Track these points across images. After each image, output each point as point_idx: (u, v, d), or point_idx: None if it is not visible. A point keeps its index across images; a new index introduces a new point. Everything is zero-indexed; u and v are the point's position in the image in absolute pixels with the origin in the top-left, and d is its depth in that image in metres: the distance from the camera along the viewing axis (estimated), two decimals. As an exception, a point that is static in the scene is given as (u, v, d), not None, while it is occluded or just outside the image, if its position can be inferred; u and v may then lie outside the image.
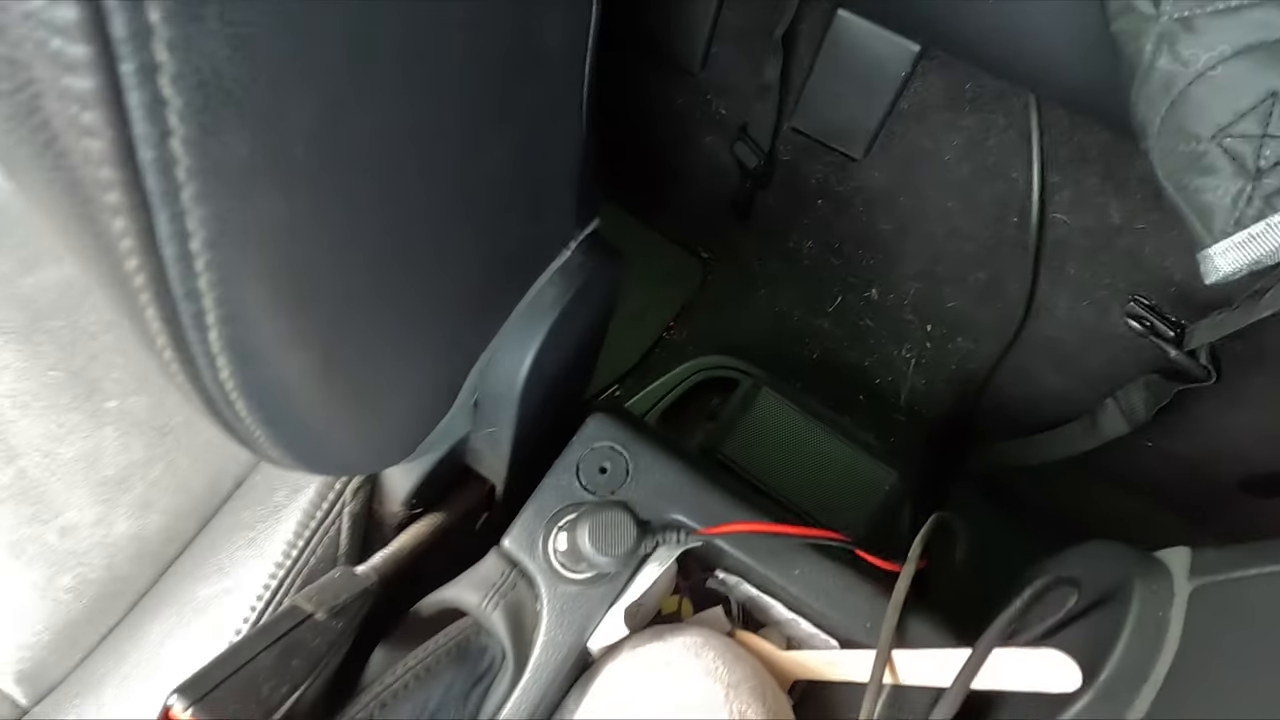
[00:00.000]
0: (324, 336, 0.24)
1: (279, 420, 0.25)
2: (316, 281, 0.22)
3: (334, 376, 0.25)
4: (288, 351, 0.23)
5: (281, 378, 0.23)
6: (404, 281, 0.26)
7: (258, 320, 0.21)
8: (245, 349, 0.21)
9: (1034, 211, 0.57)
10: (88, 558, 0.44)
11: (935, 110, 0.59)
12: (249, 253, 0.19)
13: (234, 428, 0.25)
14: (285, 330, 0.22)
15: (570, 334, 0.44)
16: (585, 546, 0.31)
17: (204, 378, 0.22)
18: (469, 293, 0.32)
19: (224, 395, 0.23)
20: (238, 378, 0.22)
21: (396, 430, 0.35)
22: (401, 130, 0.22)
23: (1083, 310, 0.61)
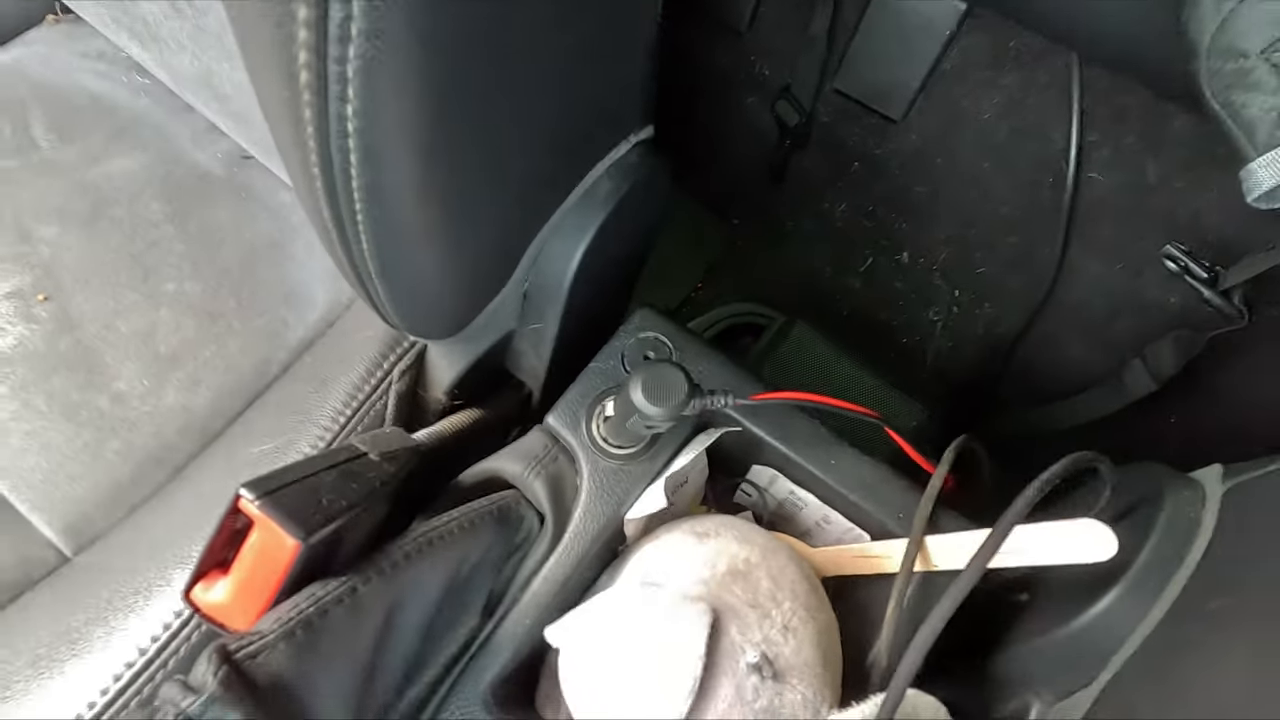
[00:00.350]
0: (429, 159, 0.25)
1: (385, 256, 0.26)
2: (440, 109, 0.23)
3: (430, 211, 0.27)
4: (407, 173, 0.24)
5: (395, 202, 0.25)
6: (496, 132, 0.28)
7: (389, 134, 0.22)
8: (374, 157, 0.22)
9: (1070, 171, 0.58)
10: (136, 425, 0.46)
11: (977, 69, 0.61)
12: (398, 63, 0.20)
13: (350, 247, 0.26)
14: (407, 150, 0.23)
15: (619, 234, 0.45)
16: (638, 398, 0.32)
17: (338, 188, 0.23)
18: (542, 155, 0.34)
19: (351, 206, 0.24)
20: (364, 189, 0.23)
21: (461, 291, 0.36)
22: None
23: (1114, 274, 0.62)
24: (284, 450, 0.40)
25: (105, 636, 0.33)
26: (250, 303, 0.50)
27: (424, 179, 0.24)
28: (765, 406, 0.39)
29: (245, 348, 0.49)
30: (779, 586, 0.33)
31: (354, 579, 0.29)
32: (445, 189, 0.25)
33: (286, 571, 0.28)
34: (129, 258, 0.51)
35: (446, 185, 0.25)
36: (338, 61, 0.19)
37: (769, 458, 0.41)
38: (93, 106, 0.57)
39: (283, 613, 0.27)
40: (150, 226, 0.52)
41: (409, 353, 0.44)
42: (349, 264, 0.27)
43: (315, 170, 0.22)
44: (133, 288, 0.50)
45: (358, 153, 0.21)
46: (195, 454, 0.46)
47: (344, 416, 0.41)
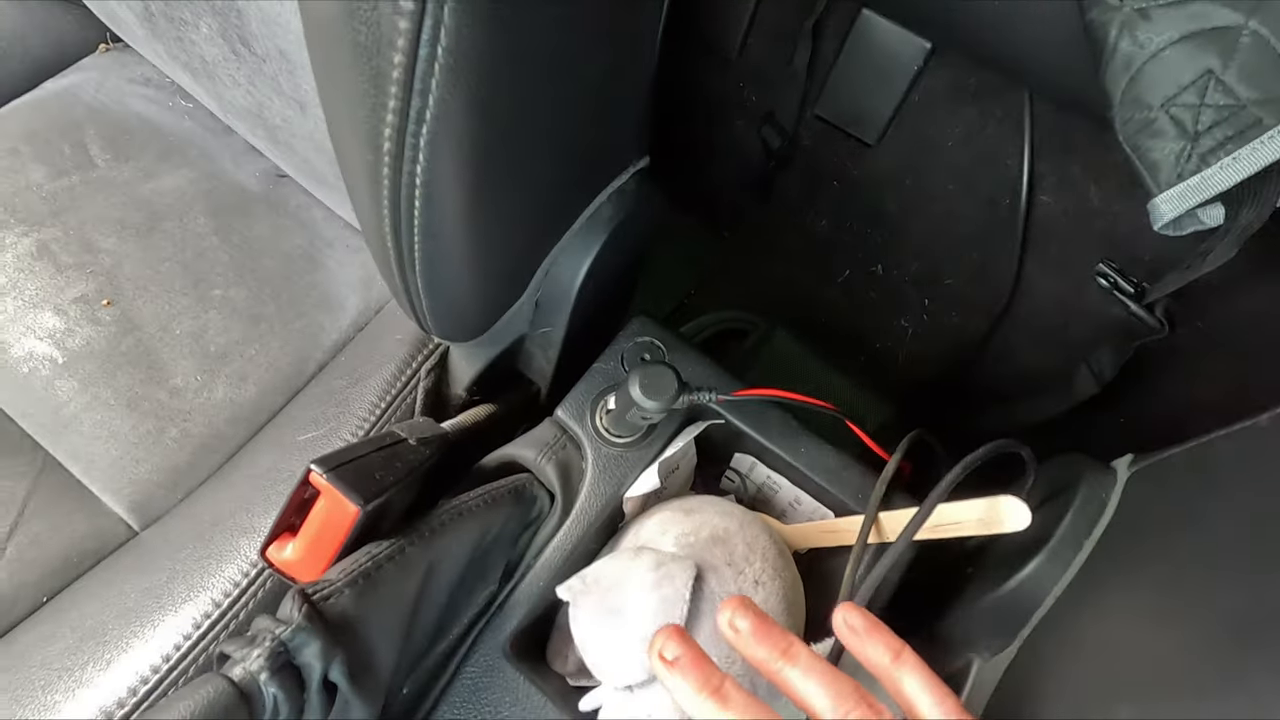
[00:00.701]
0: (474, 203, 0.31)
1: (433, 273, 0.33)
2: (485, 163, 0.30)
3: (470, 244, 0.33)
4: (456, 214, 0.30)
5: (445, 237, 0.31)
6: (526, 175, 0.34)
7: (446, 185, 0.28)
8: (432, 203, 0.29)
9: (1023, 195, 0.65)
10: (192, 416, 0.52)
11: (941, 102, 0.67)
12: (457, 132, 0.26)
13: (405, 272, 0.32)
14: (458, 196, 0.29)
15: (618, 252, 0.52)
16: (635, 393, 0.38)
17: (401, 227, 0.29)
18: (560, 189, 0.40)
19: (410, 240, 0.30)
20: (422, 228, 0.29)
21: (487, 304, 0.42)
22: (574, 33, 0.29)
23: (1063, 287, 0.69)
24: (328, 437, 0.46)
25: (185, 591, 0.39)
26: (289, 307, 0.56)
27: (469, 218, 0.30)
28: (744, 402, 0.46)
29: (285, 347, 0.55)
30: (752, 550, 0.39)
31: (401, 540, 0.36)
32: (484, 225, 0.32)
33: (348, 532, 0.34)
34: (180, 266, 0.57)
35: (485, 222, 0.32)
36: (413, 135, 0.25)
37: (749, 447, 0.47)
38: (143, 128, 0.62)
39: (346, 565, 0.34)
40: (198, 238, 0.58)
41: (435, 353, 0.51)
42: (402, 285, 0.33)
43: (385, 213, 0.28)
44: (185, 293, 0.56)
45: (421, 200, 0.27)
46: (244, 442, 0.52)
47: (379, 409, 0.47)
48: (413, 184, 0.27)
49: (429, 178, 0.27)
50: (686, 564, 0.36)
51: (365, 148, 0.26)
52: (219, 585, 0.39)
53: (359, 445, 0.37)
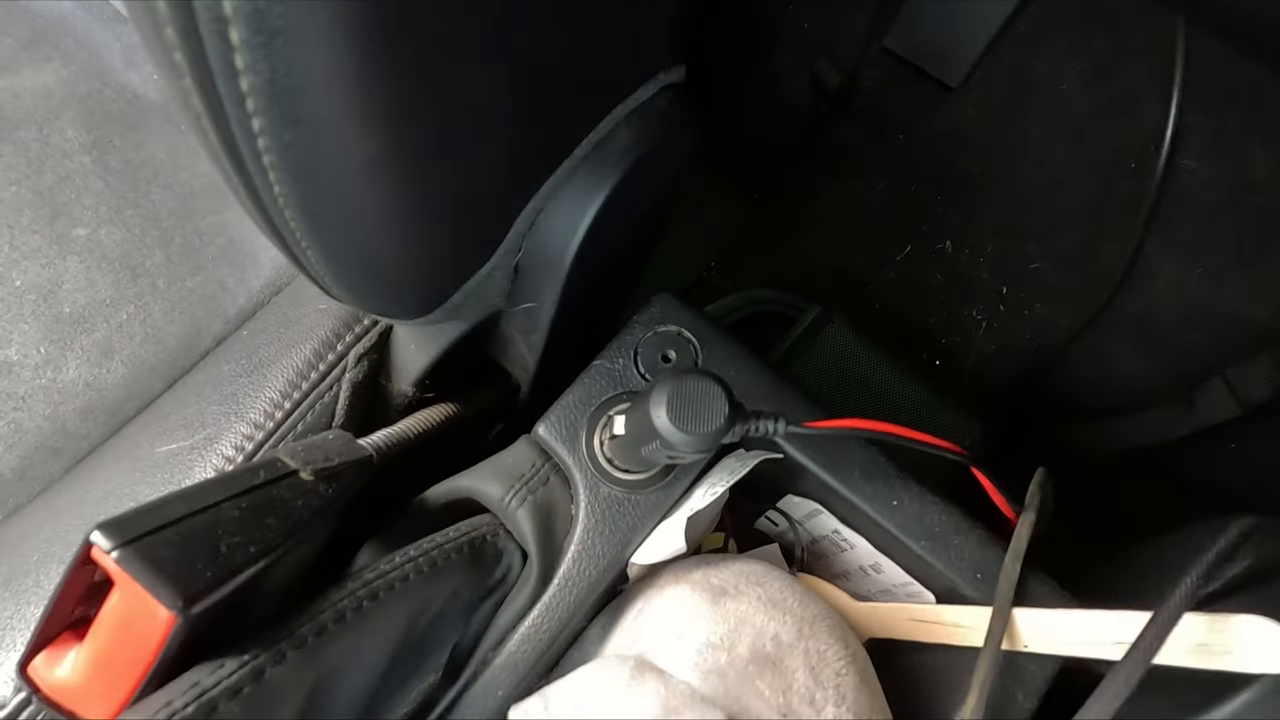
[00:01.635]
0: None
1: (312, 207, 0.18)
2: (390, 39, 0.15)
3: (375, 145, 0.18)
4: (342, 126, 0.15)
5: (318, 126, 0.16)
6: (480, 42, 0.19)
7: (311, 79, 0.13)
8: (276, 46, 0.14)
9: (1161, 155, 0.50)
10: (27, 403, 0.37)
11: (1059, 30, 0.52)
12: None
13: (255, 190, 0.17)
14: (343, 98, 0.15)
15: (637, 198, 0.36)
16: (662, 421, 0.24)
17: (221, 91, 0.14)
18: (546, 85, 0.25)
19: (247, 126, 0.15)
20: (276, 151, 0.15)
21: (430, 263, 0.28)
22: None
23: (1192, 280, 0.54)
24: (200, 450, 0.31)
25: (-66, 699, 0.25)
26: (182, 258, 0.41)
27: (367, 89, 0.15)
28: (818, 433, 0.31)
29: (172, 313, 0.40)
30: (820, 683, 0.25)
31: (261, 658, 0.21)
32: (399, 115, 0.17)
33: (158, 652, 0.20)
34: (34, 193, 0.41)
35: (401, 110, 0.17)
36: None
37: (811, 489, 0.33)
38: (3, 4, 0.47)
39: (149, 713, 0.19)
40: (64, 157, 0.43)
41: (370, 333, 0.36)
42: (257, 210, 0.18)
43: (178, 55, 0.13)
44: (36, 230, 0.41)
45: (240, 22, 0.12)
46: (98, 443, 0.37)
47: (281, 411, 0.33)
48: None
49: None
50: (710, 717, 0.22)
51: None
52: (-16, 694, 0.25)
53: (201, 490, 0.22)
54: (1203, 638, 0.24)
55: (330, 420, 0.34)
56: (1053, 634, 0.28)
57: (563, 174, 0.31)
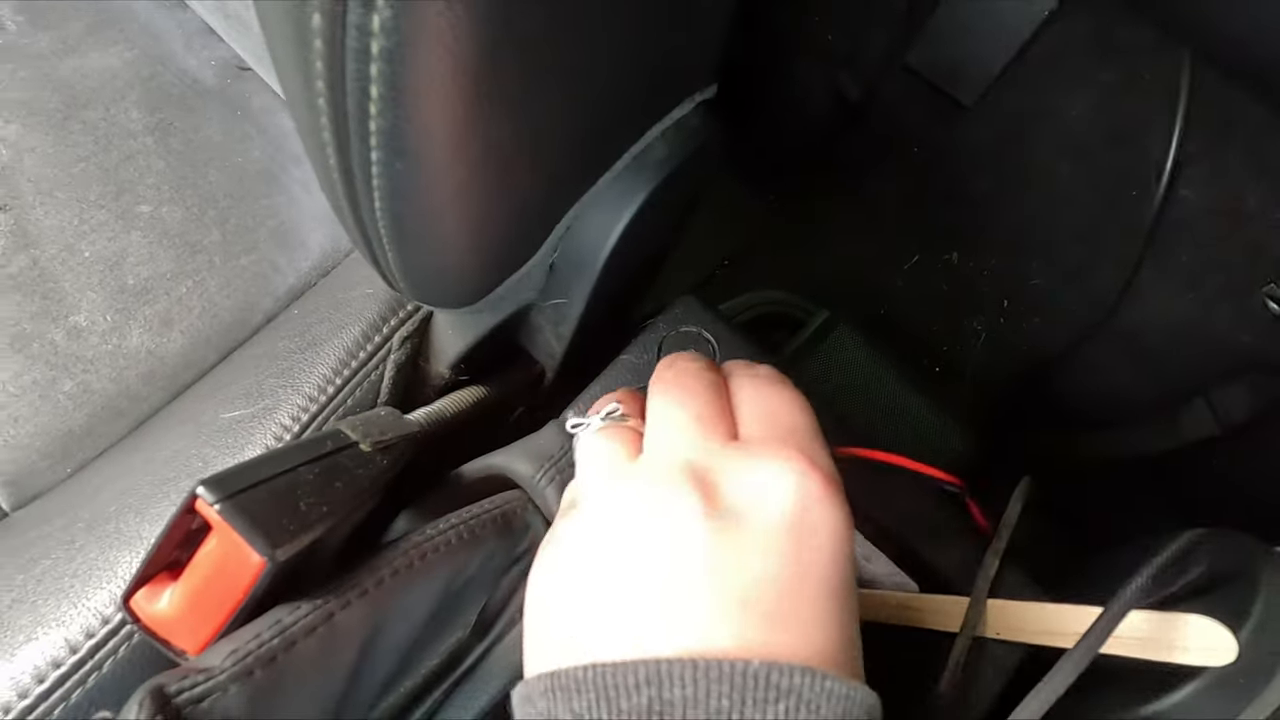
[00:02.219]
0: (473, 104, 0.19)
1: (402, 219, 0.21)
2: (493, 38, 0.17)
3: (463, 170, 0.21)
4: (442, 119, 0.18)
5: (422, 155, 0.19)
6: (556, 76, 0.22)
7: (425, 63, 0.16)
8: (401, 92, 0.16)
9: (1161, 184, 0.52)
10: (95, 366, 0.40)
11: (1072, 58, 0.54)
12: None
13: (358, 204, 0.20)
14: (447, 89, 0.17)
15: (665, 207, 0.39)
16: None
17: (350, 129, 0.17)
18: (601, 110, 0.28)
19: (365, 154, 0.18)
20: (382, 134, 0.17)
21: (484, 263, 0.31)
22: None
23: (1184, 303, 0.57)
24: (260, 419, 0.34)
25: (32, 626, 0.28)
26: (236, 237, 0.44)
27: (463, 129, 0.18)
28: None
29: (227, 289, 0.43)
30: None
31: (331, 602, 0.25)
32: (485, 143, 0.20)
33: (248, 591, 0.23)
34: (101, 170, 0.44)
35: (488, 139, 0.20)
36: (360, 31, 0.13)
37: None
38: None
39: (240, 642, 0.23)
40: (128, 136, 0.46)
41: (413, 318, 0.39)
42: (355, 223, 0.21)
43: (321, 101, 0.16)
44: (103, 205, 0.43)
45: (381, 83, 0.15)
46: (160, 407, 0.40)
47: (333, 386, 0.36)
48: (365, 49, 0.15)
49: (393, 44, 0.15)
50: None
51: (290, 42, 0.14)
52: (75, 622, 0.28)
53: (283, 454, 0.26)
54: (1152, 633, 0.27)
55: (376, 397, 0.37)
56: (1021, 623, 0.31)
57: (601, 185, 0.34)
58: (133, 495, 0.32)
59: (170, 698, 0.20)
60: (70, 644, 0.28)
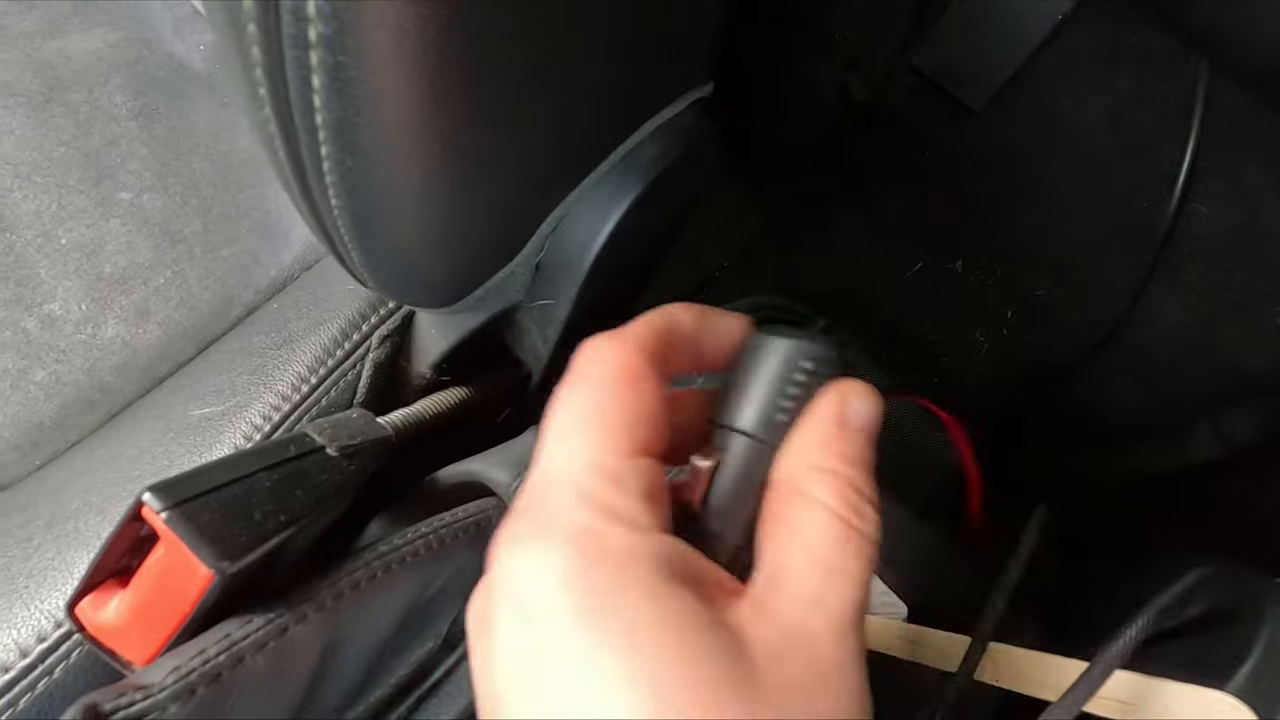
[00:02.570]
0: (432, 94, 0.18)
1: (362, 218, 0.19)
2: (452, 17, 0.16)
3: (426, 164, 0.19)
4: (397, 155, 0.17)
5: (378, 149, 0.17)
6: (532, 64, 0.20)
7: (371, 49, 0.15)
8: (346, 82, 0.15)
9: (1173, 198, 0.51)
10: (68, 356, 0.39)
11: (1086, 65, 0.53)
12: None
13: (313, 199, 0.19)
14: (400, 77, 0.16)
15: (656, 208, 0.38)
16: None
17: (296, 122, 0.16)
18: (586, 104, 0.26)
19: (315, 150, 0.17)
20: (331, 127, 0.16)
21: (460, 263, 0.29)
22: None
23: (1192, 321, 0.56)
24: (230, 417, 0.33)
25: (-18, 625, 0.27)
26: (218, 228, 0.43)
27: (419, 125, 0.17)
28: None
29: (206, 281, 0.42)
30: None
31: (285, 616, 0.23)
32: (445, 140, 0.18)
33: (195, 604, 0.22)
34: (80, 155, 0.43)
35: (447, 136, 0.18)
36: (296, 15, 0.12)
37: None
38: (58, -32, 0.48)
39: (184, 659, 0.21)
40: (111, 121, 0.45)
41: (393, 316, 0.38)
42: (314, 220, 0.20)
43: (263, 91, 0.15)
44: (82, 191, 0.42)
45: (322, 73, 0.14)
46: (132, 399, 0.39)
47: (308, 385, 0.35)
48: (303, 35, 0.13)
49: (334, 29, 0.13)
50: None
51: (226, 24, 0.13)
52: (26, 624, 0.27)
53: (240, 459, 0.24)
54: (1135, 698, 0.26)
55: (352, 397, 0.36)
56: (1011, 669, 0.30)
57: (589, 183, 0.33)
58: (95, 493, 0.31)
59: (105, 717, 0.19)
60: (20, 647, 0.27)
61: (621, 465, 0.16)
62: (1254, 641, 0.29)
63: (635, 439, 0.17)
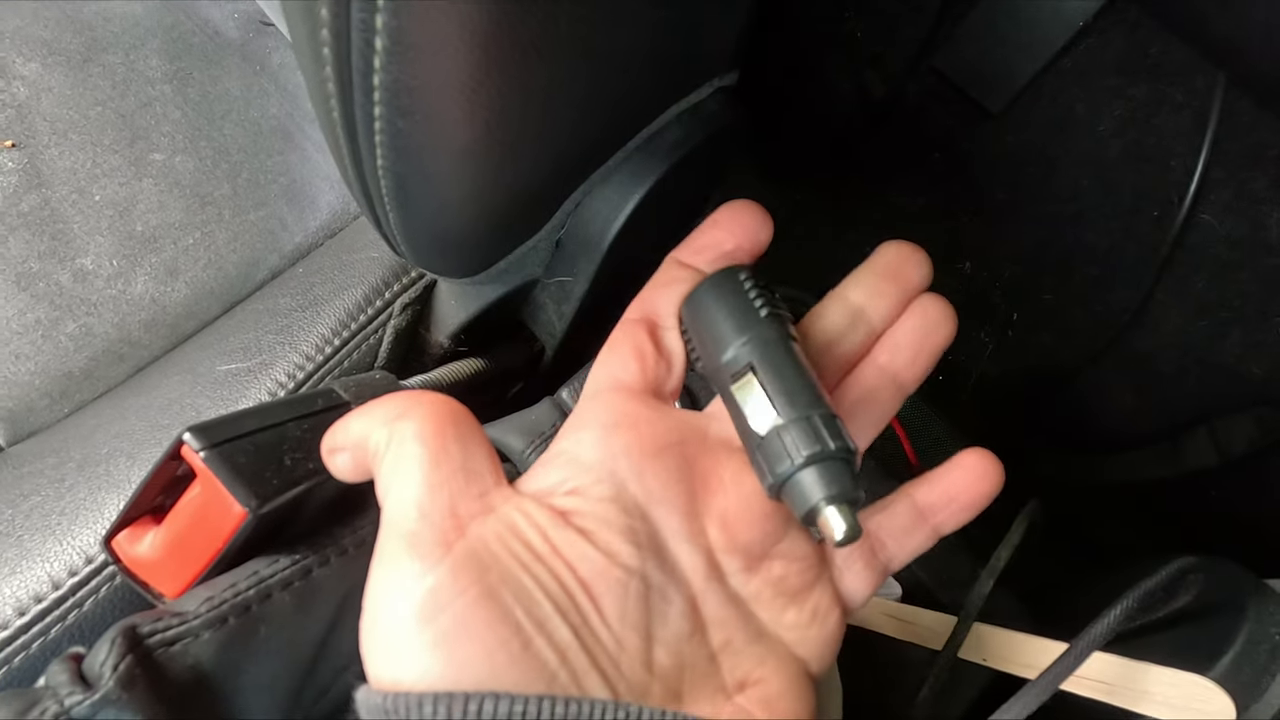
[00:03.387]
0: (485, 63, 0.19)
1: (404, 180, 0.20)
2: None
3: (471, 132, 0.20)
4: (446, 120, 0.18)
5: (429, 113, 0.18)
6: (579, 41, 0.21)
7: (434, 16, 0.16)
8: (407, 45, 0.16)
9: (1183, 208, 0.51)
10: (98, 310, 0.40)
11: (1103, 73, 0.53)
12: None
13: (360, 159, 0.20)
14: (458, 44, 0.17)
15: (676, 191, 0.39)
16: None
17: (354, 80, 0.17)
18: (619, 83, 0.27)
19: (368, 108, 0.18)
20: (387, 87, 0.17)
21: (488, 233, 0.30)
22: None
23: (1195, 330, 0.56)
24: (256, 374, 0.34)
25: (17, 560, 0.29)
26: (247, 192, 0.44)
27: (470, 92, 0.18)
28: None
29: (234, 243, 0.43)
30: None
31: (310, 558, 0.25)
32: (492, 108, 0.19)
33: (228, 541, 0.23)
34: (117, 115, 0.44)
35: (495, 104, 0.19)
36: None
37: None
38: (99, -68, 0.49)
39: (216, 590, 0.23)
40: (146, 83, 0.46)
41: (416, 284, 0.39)
42: (357, 180, 0.21)
43: (326, 50, 0.16)
44: (117, 150, 0.44)
45: (385, 36, 0.15)
46: (158, 354, 0.40)
47: (331, 346, 0.36)
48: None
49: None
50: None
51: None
52: (59, 559, 0.29)
53: (273, 408, 0.26)
54: (1117, 679, 0.27)
55: (373, 361, 0.37)
56: (997, 650, 0.31)
57: (613, 162, 0.34)
58: (125, 439, 0.32)
59: (142, 638, 0.20)
60: (53, 580, 0.28)
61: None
62: (1236, 634, 0.31)
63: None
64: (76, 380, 0.39)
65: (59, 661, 0.20)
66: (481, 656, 0.17)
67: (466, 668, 0.17)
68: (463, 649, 0.18)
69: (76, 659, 0.20)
